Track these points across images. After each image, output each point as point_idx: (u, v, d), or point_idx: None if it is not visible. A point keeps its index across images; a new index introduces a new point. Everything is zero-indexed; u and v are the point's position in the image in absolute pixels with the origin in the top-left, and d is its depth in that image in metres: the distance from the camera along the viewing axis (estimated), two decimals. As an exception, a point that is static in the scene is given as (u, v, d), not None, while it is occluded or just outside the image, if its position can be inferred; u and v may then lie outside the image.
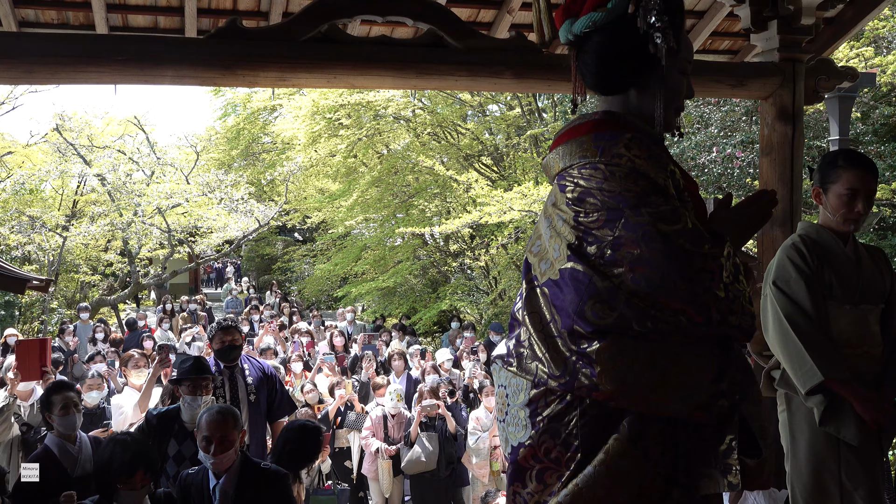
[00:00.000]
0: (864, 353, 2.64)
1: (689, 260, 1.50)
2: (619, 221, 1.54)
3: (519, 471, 1.64)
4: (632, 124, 1.72)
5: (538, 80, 4.20)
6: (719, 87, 4.35)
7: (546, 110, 13.96)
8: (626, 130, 1.67)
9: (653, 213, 1.52)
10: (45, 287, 6.30)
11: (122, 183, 15.99)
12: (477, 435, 5.83)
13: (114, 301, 16.38)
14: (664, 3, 1.63)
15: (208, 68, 3.65)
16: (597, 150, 1.62)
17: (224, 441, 3.15)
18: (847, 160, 2.67)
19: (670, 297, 1.48)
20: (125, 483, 2.84)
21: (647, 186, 1.56)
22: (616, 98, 1.75)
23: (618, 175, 1.57)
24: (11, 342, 8.90)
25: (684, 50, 1.72)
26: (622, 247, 1.51)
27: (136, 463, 2.88)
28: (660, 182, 1.58)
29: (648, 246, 1.50)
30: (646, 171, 1.58)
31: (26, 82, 10.78)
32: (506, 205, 10.76)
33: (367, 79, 3.98)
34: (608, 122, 1.72)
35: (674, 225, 1.52)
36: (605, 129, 1.69)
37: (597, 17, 1.66)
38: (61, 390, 3.65)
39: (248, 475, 3.23)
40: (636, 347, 1.50)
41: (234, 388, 4.55)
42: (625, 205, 1.54)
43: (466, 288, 14.95)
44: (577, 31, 1.71)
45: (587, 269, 1.54)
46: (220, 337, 4.58)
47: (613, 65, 1.70)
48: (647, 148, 1.63)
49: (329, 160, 17.42)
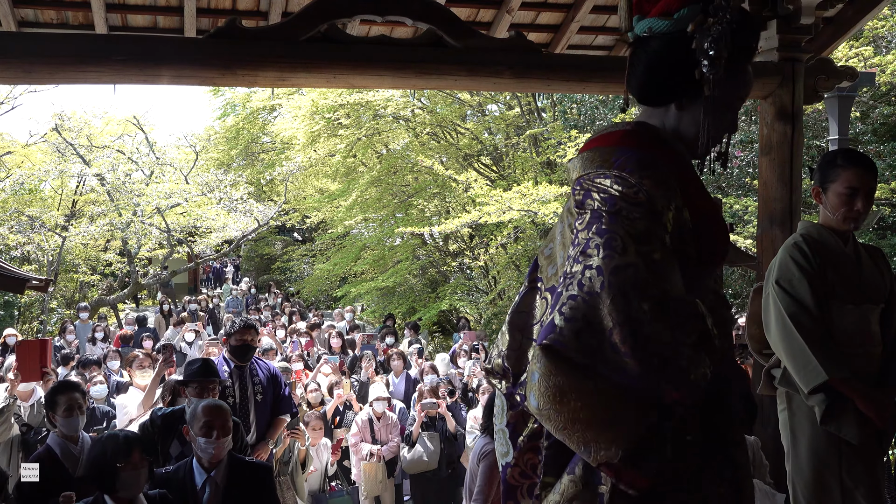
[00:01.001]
0: (865, 353, 2.64)
1: (646, 338, 1.40)
2: (598, 252, 1.45)
3: (510, 489, 1.64)
4: (664, 142, 1.70)
5: (537, 80, 4.21)
6: (719, 86, 4.35)
7: (545, 110, 13.96)
8: (653, 148, 1.65)
9: (628, 274, 1.42)
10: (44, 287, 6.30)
11: (121, 183, 15.99)
12: (475, 434, 5.83)
13: (113, 301, 16.38)
14: (729, 36, 1.58)
15: (208, 68, 3.65)
16: (613, 163, 1.59)
17: (224, 427, 3.22)
18: (846, 159, 2.68)
19: (617, 352, 1.40)
20: (125, 463, 2.85)
21: (640, 229, 1.48)
22: (657, 111, 1.73)
23: (619, 203, 1.51)
24: (11, 342, 8.90)
25: (740, 86, 1.68)
26: (591, 279, 1.43)
27: (130, 445, 2.91)
28: (658, 211, 1.52)
29: (613, 304, 1.40)
30: (650, 199, 1.52)
31: (25, 82, 10.77)
32: (505, 204, 10.76)
33: (367, 78, 3.98)
34: (637, 136, 1.69)
35: (644, 295, 1.41)
36: (631, 144, 1.65)
37: (657, 25, 1.65)
38: (66, 391, 3.64)
39: (236, 469, 3.29)
40: (574, 374, 1.39)
41: (244, 388, 4.60)
42: (607, 245, 1.46)
43: (466, 288, 14.95)
44: (637, 32, 1.70)
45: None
46: (240, 334, 4.60)
47: (657, 77, 1.68)
48: (663, 175, 1.58)
49: (328, 160, 17.42)
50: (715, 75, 1.59)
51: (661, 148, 1.68)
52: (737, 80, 1.66)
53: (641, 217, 1.49)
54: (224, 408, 3.31)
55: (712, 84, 1.60)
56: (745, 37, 1.63)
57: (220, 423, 3.22)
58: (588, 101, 11.93)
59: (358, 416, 6.22)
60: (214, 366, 4.13)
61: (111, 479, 2.85)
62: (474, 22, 4.65)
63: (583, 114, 12.16)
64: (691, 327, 1.46)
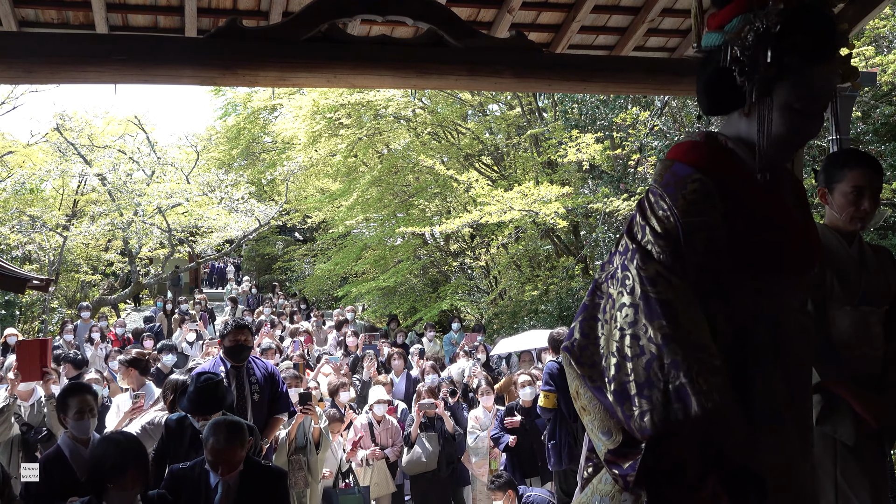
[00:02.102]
0: (863, 356, 2.63)
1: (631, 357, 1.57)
2: (620, 266, 1.64)
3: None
4: (729, 152, 1.73)
5: (538, 80, 4.20)
6: (720, 86, 4.34)
7: (546, 110, 13.95)
8: (711, 161, 1.69)
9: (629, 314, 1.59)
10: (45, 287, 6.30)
11: (122, 182, 16.01)
12: (476, 434, 5.82)
13: (114, 301, 16.39)
14: (769, 42, 1.59)
15: (208, 68, 3.65)
16: (662, 179, 1.69)
17: (230, 462, 3.19)
18: (851, 159, 2.67)
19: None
20: (116, 483, 2.82)
21: (654, 272, 1.60)
22: (727, 119, 1.76)
23: (649, 237, 1.63)
24: (11, 342, 8.90)
25: (804, 89, 1.66)
26: (607, 287, 1.66)
27: (127, 463, 2.86)
28: (678, 238, 1.61)
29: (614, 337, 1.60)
30: (678, 227, 1.61)
31: (26, 82, 10.79)
32: (506, 204, 10.76)
33: (368, 78, 3.98)
34: (699, 149, 1.74)
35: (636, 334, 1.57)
36: (689, 158, 1.71)
37: (712, 39, 1.70)
38: (78, 393, 3.61)
39: (250, 472, 3.28)
40: (579, 380, 1.67)
41: (241, 387, 4.60)
42: (628, 257, 1.63)
43: (467, 287, 14.96)
44: (703, 46, 1.75)
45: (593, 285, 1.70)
46: (234, 335, 4.60)
47: (711, 87, 1.72)
48: (701, 196, 1.64)
49: (329, 160, 17.43)
50: (752, 82, 1.61)
51: (723, 160, 1.72)
52: (798, 84, 1.64)
53: (663, 251, 1.61)
54: (233, 442, 3.21)
55: (753, 91, 1.62)
56: (796, 40, 1.61)
57: (226, 461, 3.18)
58: (589, 101, 11.92)
59: (357, 420, 6.19)
60: (219, 392, 3.91)
61: (101, 490, 2.84)
62: (475, 22, 4.65)
63: (584, 114, 12.15)
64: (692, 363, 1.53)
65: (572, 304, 11.32)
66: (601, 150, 11.07)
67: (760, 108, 1.66)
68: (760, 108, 1.66)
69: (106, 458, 2.87)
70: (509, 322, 12.14)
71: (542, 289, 12.21)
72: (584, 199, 11.22)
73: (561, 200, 10.68)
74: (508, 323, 12.13)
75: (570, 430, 5.04)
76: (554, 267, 12.70)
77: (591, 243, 11.72)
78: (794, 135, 1.71)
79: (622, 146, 11.42)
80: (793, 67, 1.62)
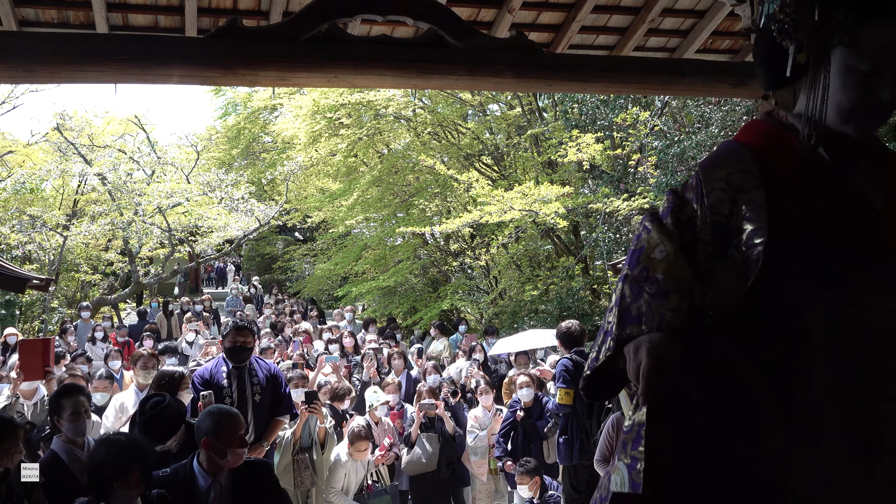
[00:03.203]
0: None
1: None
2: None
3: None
4: (787, 128, 1.61)
5: (539, 80, 4.20)
6: (720, 86, 4.35)
7: (547, 110, 13.95)
8: (761, 139, 1.60)
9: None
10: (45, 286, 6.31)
11: (122, 182, 16.01)
12: (475, 433, 5.82)
13: (114, 300, 16.40)
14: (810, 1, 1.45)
15: (208, 67, 3.65)
16: (705, 159, 1.61)
17: (239, 442, 3.20)
18: None
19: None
20: (121, 482, 2.82)
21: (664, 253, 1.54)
22: (785, 93, 1.67)
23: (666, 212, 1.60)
24: (12, 341, 8.90)
25: (864, 45, 1.44)
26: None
27: (132, 464, 2.85)
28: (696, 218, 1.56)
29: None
30: (704, 206, 1.55)
31: (26, 81, 10.79)
32: (506, 204, 10.76)
33: (368, 78, 3.98)
34: (754, 127, 1.66)
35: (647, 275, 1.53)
36: (740, 136, 1.65)
37: (764, 8, 1.57)
38: (72, 394, 3.58)
39: (239, 470, 3.26)
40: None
41: (242, 388, 4.59)
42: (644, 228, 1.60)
43: (467, 287, 14.95)
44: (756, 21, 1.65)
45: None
46: (233, 336, 4.60)
47: (764, 57, 1.61)
48: (726, 176, 1.55)
49: (329, 159, 17.43)
50: (789, 40, 1.47)
51: (779, 138, 1.59)
52: (856, 42, 1.45)
53: (666, 206, 1.60)
54: (235, 428, 3.23)
55: (796, 55, 1.48)
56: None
57: (234, 451, 3.19)
58: (589, 101, 11.92)
59: (354, 423, 6.12)
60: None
61: (107, 492, 2.82)
62: (475, 22, 4.65)
63: (584, 113, 12.15)
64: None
65: (572, 303, 11.32)
66: (601, 150, 11.07)
67: (815, 74, 1.51)
68: (815, 74, 1.51)
69: (109, 460, 2.86)
70: (509, 322, 12.14)
71: (542, 289, 12.21)
72: (584, 199, 11.22)
73: (561, 200, 10.68)
74: (508, 323, 12.13)
75: (582, 425, 5.04)
76: (554, 267, 12.70)
77: (591, 243, 11.72)
78: (860, 102, 1.48)
79: (622, 146, 11.42)
80: (847, 24, 1.44)
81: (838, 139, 1.54)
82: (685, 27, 4.95)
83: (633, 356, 1.46)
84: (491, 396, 6.14)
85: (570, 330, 5.30)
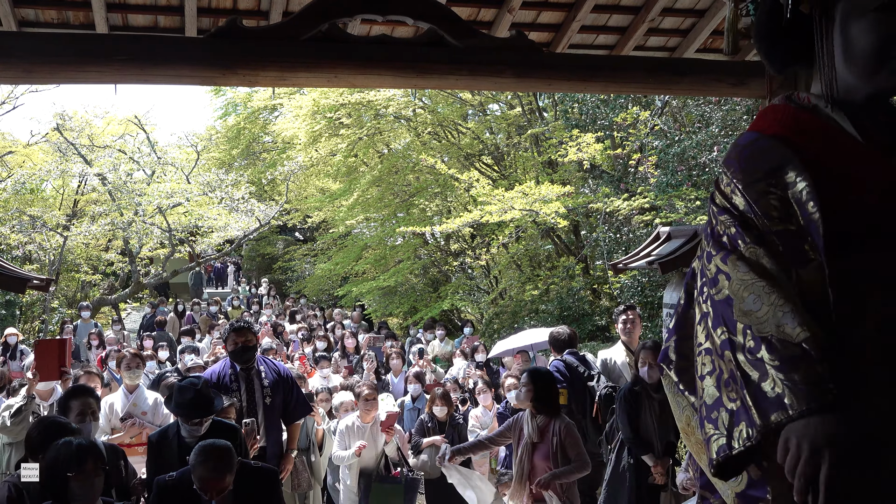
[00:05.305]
0: None
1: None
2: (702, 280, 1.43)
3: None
4: (810, 110, 1.43)
5: (539, 80, 4.20)
6: (720, 85, 4.35)
7: (547, 109, 13.95)
8: (784, 125, 1.42)
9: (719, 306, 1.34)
10: (45, 286, 6.29)
11: (122, 182, 16.01)
12: (476, 433, 5.82)
13: (114, 300, 16.40)
14: None
15: (208, 68, 3.65)
16: (729, 156, 1.46)
17: (218, 489, 3.13)
18: None
19: None
20: (76, 473, 2.78)
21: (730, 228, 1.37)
22: (813, 78, 1.47)
23: (718, 227, 1.42)
24: (12, 341, 8.91)
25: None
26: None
27: (84, 454, 2.83)
28: (751, 222, 1.36)
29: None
30: (750, 208, 1.36)
31: (26, 82, 10.78)
32: (507, 204, 10.75)
33: (368, 78, 3.98)
34: (773, 112, 1.48)
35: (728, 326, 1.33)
36: (759, 125, 1.47)
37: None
38: (80, 395, 3.60)
39: (243, 476, 3.25)
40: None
41: (251, 390, 4.55)
42: (710, 242, 1.43)
43: (467, 287, 14.95)
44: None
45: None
46: (234, 338, 4.58)
47: (763, 36, 1.47)
48: (764, 150, 1.37)
49: (330, 159, 17.43)
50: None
51: (802, 121, 1.42)
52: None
53: (728, 226, 1.39)
54: (221, 470, 3.14)
55: (794, 5, 1.32)
56: None
57: (214, 487, 3.12)
58: (589, 101, 11.91)
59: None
60: (205, 399, 3.78)
61: (63, 489, 2.79)
62: (475, 21, 4.65)
63: (584, 113, 12.15)
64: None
65: (572, 303, 11.32)
66: (602, 150, 11.07)
67: (823, 33, 1.33)
68: (823, 33, 1.33)
69: (60, 455, 2.84)
70: (510, 322, 12.14)
71: (542, 289, 12.21)
72: (584, 199, 11.21)
73: (561, 200, 10.67)
74: (509, 323, 12.13)
75: (578, 425, 5.06)
76: (554, 267, 12.70)
77: (591, 243, 11.71)
78: (880, 48, 1.30)
79: (623, 146, 11.42)
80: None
81: (866, 108, 1.37)
82: (685, 26, 4.95)
83: (798, 453, 1.20)
84: (490, 395, 6.15)
85: (559, 336, 5.53)
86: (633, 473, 4.52)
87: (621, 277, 10.11)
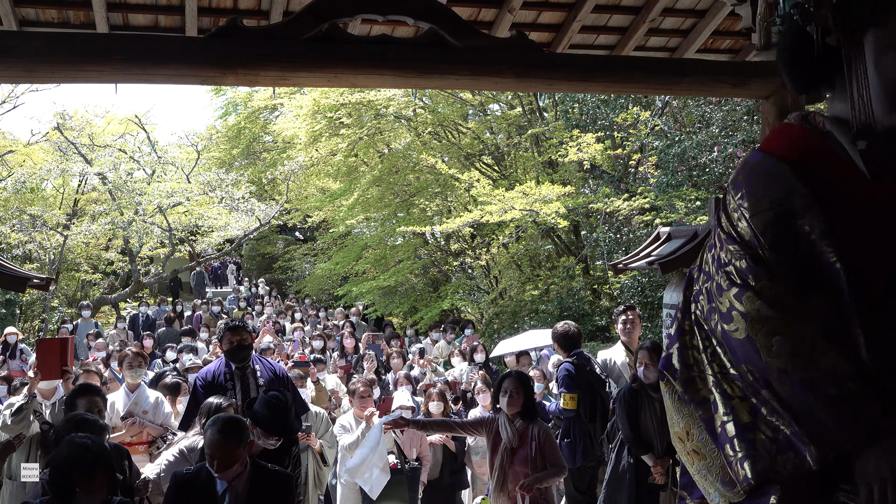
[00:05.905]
0: None
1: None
2: (703, 291, 1.45)
3: None
4: (825, 136, 1.42)
5: (539, 80, 4.20)
6: (720, 86, 4.34)
7: (547, 109, 13.94)
8: (794, 148, 1.42)
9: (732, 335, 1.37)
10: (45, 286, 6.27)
11: (122, 182, 16.01)
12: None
13: (114, 300, 16.41)
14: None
15: (209, 67, 3.65)
16: (737, 177, 1.46)
17: (226, 459, 3.12)
18: None
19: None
20: (84, 486, 2.76)
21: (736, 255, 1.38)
22: (829, 99, 1.48)
23: (725, 256, 1.42)
24: (12, 340, 8.91)
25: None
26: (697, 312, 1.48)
27: (96, 466, 2.80)
28: (754, 245, 1.37)
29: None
30: (755, 233, 1.37)
31: (27, 81, 10.78)
32: (507, 204, 10.75)
33: (368, 78, 3.98)
34: (783, 133, 1.48)
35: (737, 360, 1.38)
36: (768, 146, 1.47)
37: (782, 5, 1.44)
38: (87, 394, 3.60)
39: (258, 478, 3.23)
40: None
41: (246, 389, 4.54)
42: (713, 287, 1.44)
43: (467, 287, 14.95)
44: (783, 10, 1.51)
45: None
46: (229, 337, 4.57)
47: (789, 55, 1.46)
48: (771, 176, 1.37)
49: (330, 159, 17.43)
50: (814, 22, 1.31)
51: (815, 145, 1.42)
52: (886, 23, 1.29)
53: (738, 258, 1.39)
54: (229, 439, 3.14)
55: (822, 37, 1.30)
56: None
57: (221, 457, 3.11)
58: (590, 101, 11.91)
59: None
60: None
61: (69, 495, 2.77)
62: (476, 21, 4.65)
63: (585, 113, 12.15)
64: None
65: (573, 304, 11.32)
66: (602, 150, 11.07)
67: (850, 64, 1.33)
68: (850, 65, 1.33)
69: (70, 459, 2.80)
70: (510, 322, 12.14)
71: (542, 289, 12.21)
72: (584, 199, 11.21)
73: (562, 200, 10.67)
74: (509, 323, 12.13)
75: (585, 429, 5.06)
76: (554, 267, 12.70)
77: (591, 243, 11.71)
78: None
79: (623, 146, 11.42)
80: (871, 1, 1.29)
81: (884, 139, 1.36)
82: (686, 27, 4.95)
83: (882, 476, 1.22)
84: (489, 395, 6.14)
85: (568, 332, 5.30)
86: (633, 473, 4.52)
87: (621, 278, 10.11)
